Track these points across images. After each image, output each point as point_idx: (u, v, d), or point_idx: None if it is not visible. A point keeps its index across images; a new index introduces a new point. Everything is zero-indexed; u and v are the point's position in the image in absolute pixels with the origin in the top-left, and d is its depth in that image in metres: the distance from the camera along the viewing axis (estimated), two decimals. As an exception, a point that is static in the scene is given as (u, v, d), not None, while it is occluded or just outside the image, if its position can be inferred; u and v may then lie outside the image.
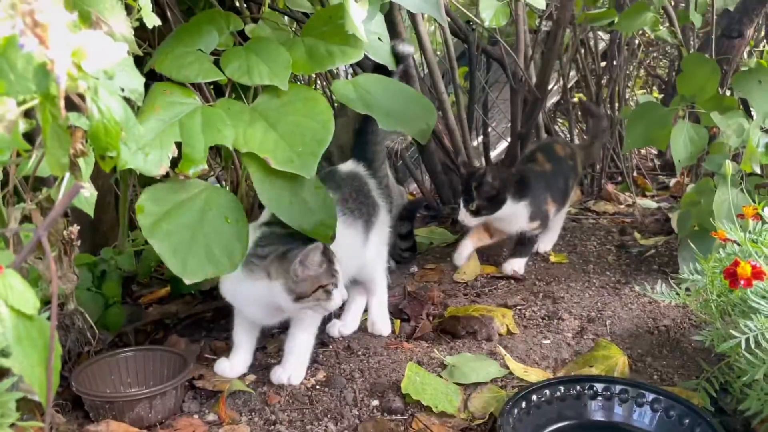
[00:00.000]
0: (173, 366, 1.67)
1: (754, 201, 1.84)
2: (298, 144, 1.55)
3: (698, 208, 2.13)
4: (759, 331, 1.33)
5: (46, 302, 1.63)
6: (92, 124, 0.71)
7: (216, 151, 2.01)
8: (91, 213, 1.20)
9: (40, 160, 1.10)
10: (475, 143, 3.28)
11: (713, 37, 2.58)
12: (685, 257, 2.09)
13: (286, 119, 1.58)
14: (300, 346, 1.73)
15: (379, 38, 1.75)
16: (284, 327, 1.80)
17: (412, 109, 1.78)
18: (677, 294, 1.64)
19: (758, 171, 2.03)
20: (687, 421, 1.48)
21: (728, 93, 2.58)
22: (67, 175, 0.82)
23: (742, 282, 1.36)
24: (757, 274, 1.36)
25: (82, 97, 0.75)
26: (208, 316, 2.04)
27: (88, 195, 1.17)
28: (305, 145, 1.55)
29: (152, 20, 1.30)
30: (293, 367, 1.72)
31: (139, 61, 1.07)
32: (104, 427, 1.51)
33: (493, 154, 3.68)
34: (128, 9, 1.32)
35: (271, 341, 1.92)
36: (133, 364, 1.68)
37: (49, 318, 0.84)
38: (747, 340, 1.34)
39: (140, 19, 1.33)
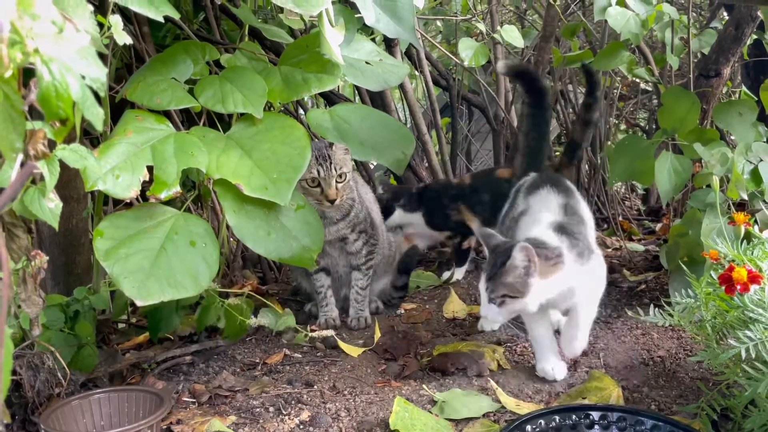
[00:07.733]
0: (149, 406, 1.57)
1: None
2: (273, 170, 1.52)
3: (686, 239, 2.10)
4: (759, 340, 1.28)
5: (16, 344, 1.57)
6: (41, 86, 0.67)
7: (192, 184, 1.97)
8: (56, 225, 1.15)
9: (-2, 170, 1.05)
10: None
11: (691, 76, 2.59)
12: (677, 287, 2.04)
13: (261, 146, 1.56)
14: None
15: (366, 62, 1.74)
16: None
17: (389, 138, 1.75)
18: (671, 315, 1.58)
19: (745, 197, 2.01)
20: (689, 447, 1.42)
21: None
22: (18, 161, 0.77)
23: (738, 287, 1.31)
24: (753, 278, 1.31)
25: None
26: (186, 360, 1.96)
27: (53, 206, 1.12)
28: (281, 171, 1.53)
29: (123, 38, 1.27)
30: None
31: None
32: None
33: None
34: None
35: (254, 384, 1.84)
36: (107, 405, 1.58)
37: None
38: (747, 350, 1.28)
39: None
